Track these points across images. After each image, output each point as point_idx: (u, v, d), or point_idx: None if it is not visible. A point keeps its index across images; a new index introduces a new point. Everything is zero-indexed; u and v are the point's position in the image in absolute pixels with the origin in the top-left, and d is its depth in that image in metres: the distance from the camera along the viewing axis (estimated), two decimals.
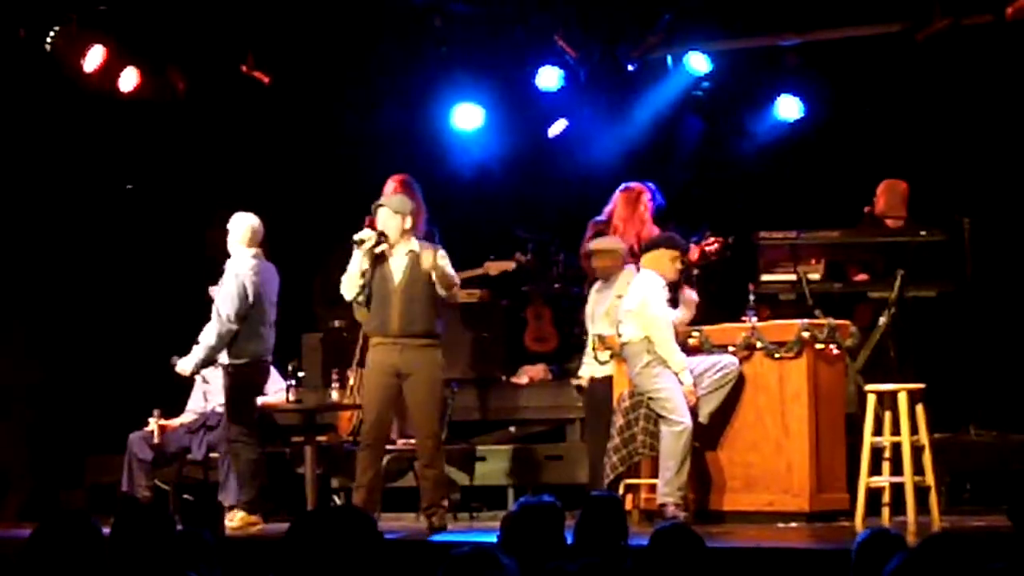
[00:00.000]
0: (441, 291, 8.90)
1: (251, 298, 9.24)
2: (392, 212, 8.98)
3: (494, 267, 10.97)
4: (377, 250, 8.95)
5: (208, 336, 9.27)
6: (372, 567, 3.65)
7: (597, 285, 9.76)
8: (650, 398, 8.82)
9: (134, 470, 9.99)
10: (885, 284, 9.74)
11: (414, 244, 8.98)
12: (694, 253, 10.00)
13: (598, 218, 10.12)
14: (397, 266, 8.96)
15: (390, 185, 10.04)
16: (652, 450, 8.85)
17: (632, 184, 10.05)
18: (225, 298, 9.25)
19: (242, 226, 9.38)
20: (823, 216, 10.12)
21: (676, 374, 8.77)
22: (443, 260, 8.93)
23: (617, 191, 10.03)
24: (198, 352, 9.33)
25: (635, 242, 9.86)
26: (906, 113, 11.03)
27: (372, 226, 9.18)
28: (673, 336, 8.84)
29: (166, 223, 11.98)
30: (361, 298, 9.05)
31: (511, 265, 10.90)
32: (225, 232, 9.41)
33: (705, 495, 9.06)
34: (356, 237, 9.02)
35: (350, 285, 9.03)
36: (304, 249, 11.24)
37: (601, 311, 9.64)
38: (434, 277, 8.85)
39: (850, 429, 8.93)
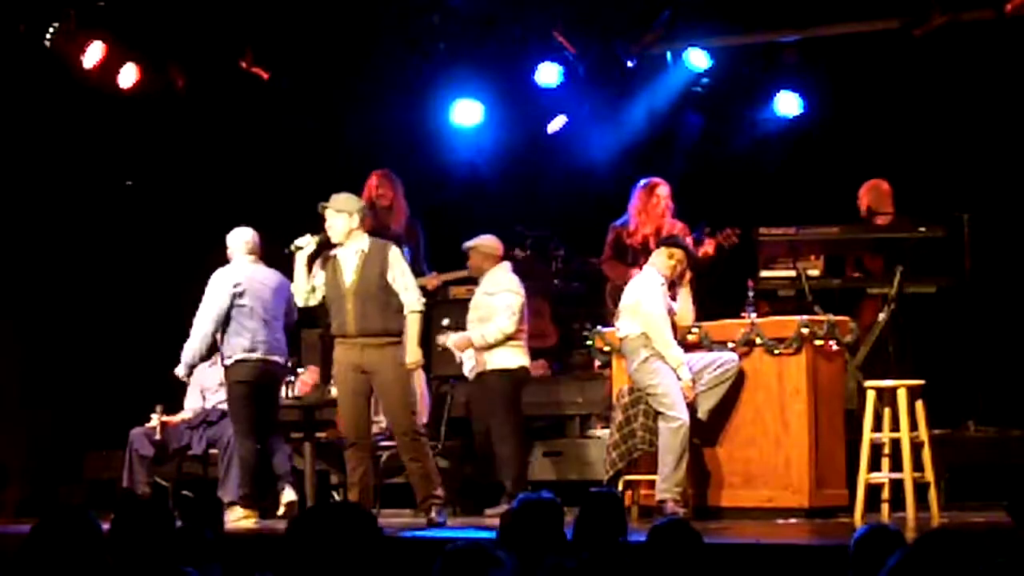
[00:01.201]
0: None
1: (228, 298, 9.29)
2: (335, 212, 8.89)
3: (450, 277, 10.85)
4: (308, 251, 8.93)
5: (189, 340, 9.45)
6: (371, 563, 3.65)
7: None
8: (648, 394, 8.82)
9: (135, 466, 10.02)
10: (884, 280, 9.74)
11: (364, 243, 8.90)
12: (710, 247, 10.00)
13: (616, 222, 10.16)
14: (348, 267, 8.89)
15: (372, 180, 10.07)
16: (652, 445, 8.84)
17: (648, 179, 10.10)
18: (203, 302, 9.40)
19: (236, 240, 9.54)
20: (822, 212, 10.11)
21: (674, 370, 8.77)
22: (393, 259, 8.84)
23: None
24: (183, 355, 9.46)
25: (652, 235, 9.87)
26: (905, 109, 11.02)
27: None
28: (670, 332, 8.83)
29: (166, 219, 11.98)
30: (314, 302, 9.05)
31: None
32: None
33: (704, 491, 9.06)
34: (293, 245, 9.00)
35: (299, 294, 9.04)
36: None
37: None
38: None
39: (849, 425, 8.92)
